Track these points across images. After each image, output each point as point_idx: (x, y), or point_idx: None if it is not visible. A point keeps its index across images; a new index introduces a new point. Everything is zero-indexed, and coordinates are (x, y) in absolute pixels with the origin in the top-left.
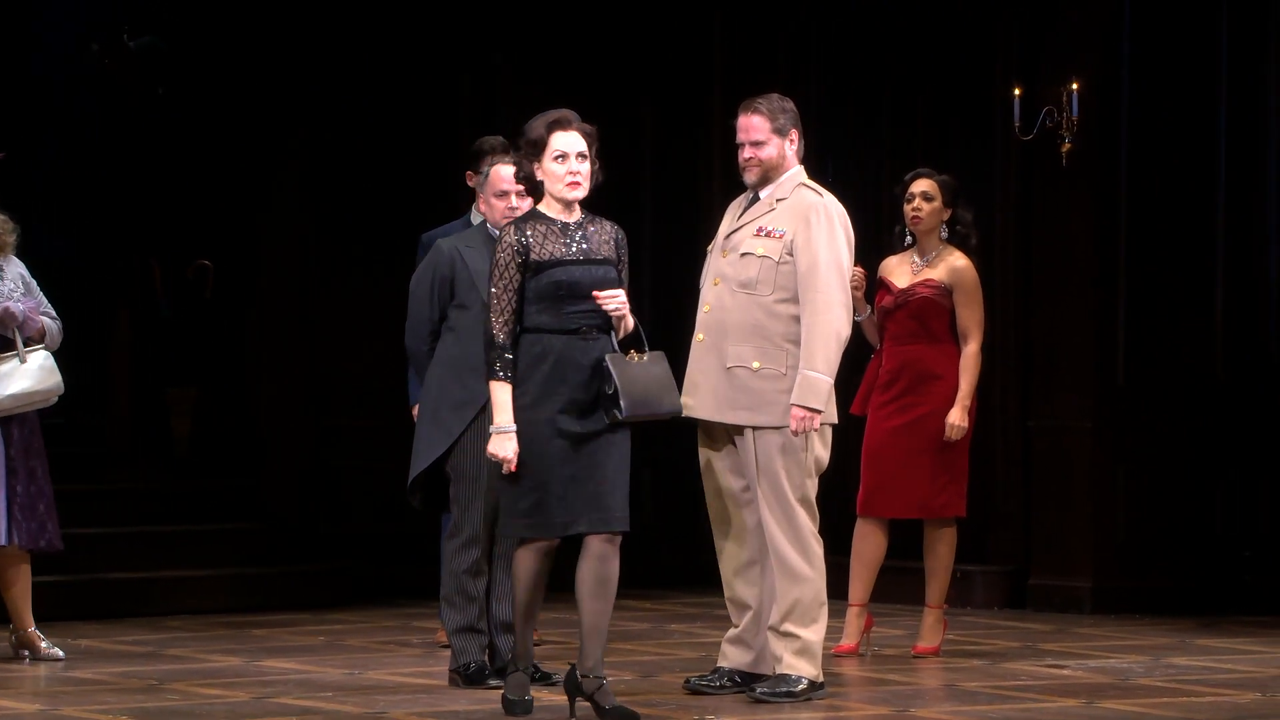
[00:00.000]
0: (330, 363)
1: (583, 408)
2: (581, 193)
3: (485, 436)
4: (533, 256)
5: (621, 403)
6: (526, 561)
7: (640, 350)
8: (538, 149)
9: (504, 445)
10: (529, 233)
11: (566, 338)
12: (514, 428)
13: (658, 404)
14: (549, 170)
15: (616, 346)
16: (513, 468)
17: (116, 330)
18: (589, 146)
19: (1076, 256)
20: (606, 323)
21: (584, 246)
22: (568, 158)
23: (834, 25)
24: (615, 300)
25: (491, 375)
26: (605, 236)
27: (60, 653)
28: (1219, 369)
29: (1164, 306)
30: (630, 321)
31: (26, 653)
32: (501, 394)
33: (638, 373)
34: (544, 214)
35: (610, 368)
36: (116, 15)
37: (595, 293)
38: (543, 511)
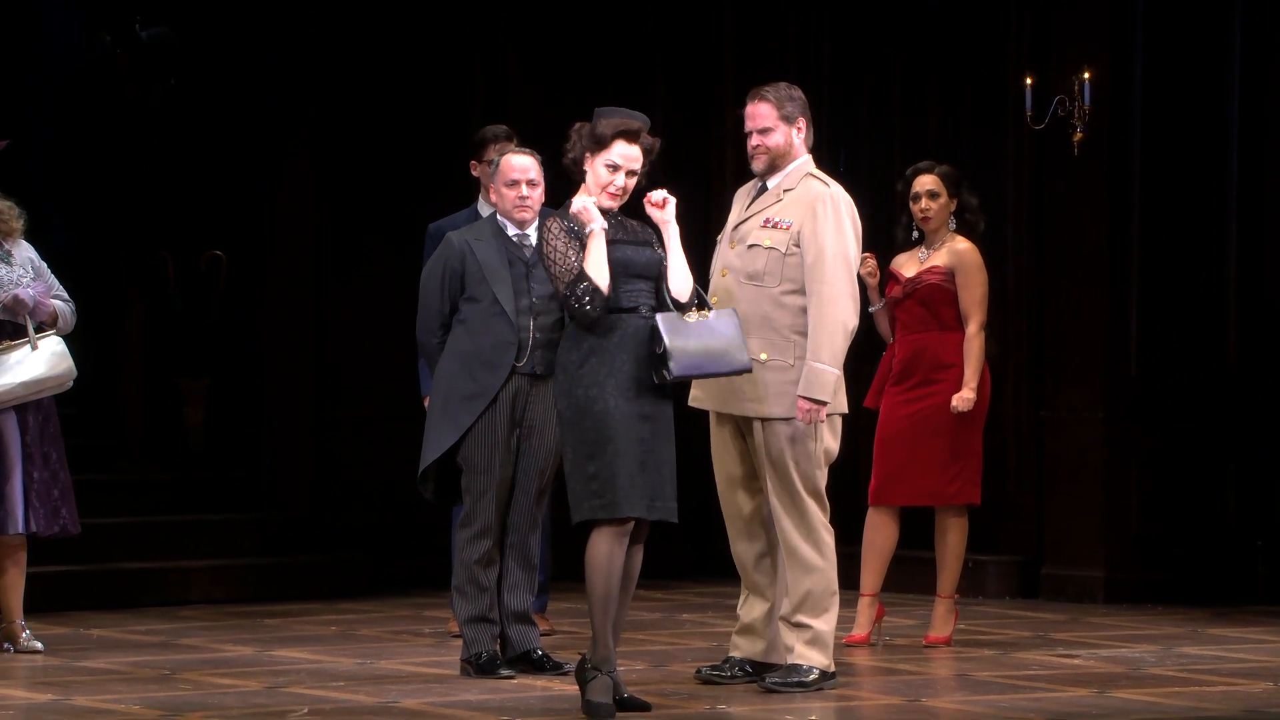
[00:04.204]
0: (342, 353)
1: (643, 387)
2: (616, 205)
3: (495, 428)
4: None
5: (670, 364)
6: (602, 545)
7: (703, 308)
8: (599, 145)
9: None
10: (572, 221)
11: (626, 316)
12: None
13: (719, 361)
14: (597, 171)
15: (672, 305)
16: (593, 218)
17: (128, 321)
18: (644, 161)
19: (1088, 246)
20: (661, 303)
21: (626, 230)
22: (619, 170)
23: (845, 15)
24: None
25: (586, 304)
26: (637, 226)
27: (40, 644)
28: (1231, 359)
29: (1176, 297)
30: (689, 282)
31: (8, 644)
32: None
33: (696, 330)
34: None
35: (660, 326)
36: (128, 6)
37: (649, 195)
38: (613, 490)
